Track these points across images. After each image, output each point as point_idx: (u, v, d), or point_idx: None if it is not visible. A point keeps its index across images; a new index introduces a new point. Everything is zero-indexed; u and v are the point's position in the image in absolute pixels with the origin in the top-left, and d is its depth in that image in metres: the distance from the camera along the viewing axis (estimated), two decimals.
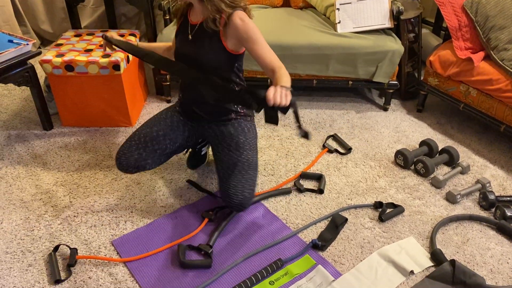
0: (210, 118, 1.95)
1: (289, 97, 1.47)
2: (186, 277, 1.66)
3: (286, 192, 2.08)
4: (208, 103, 1.92)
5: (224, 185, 1.81)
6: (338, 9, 2.66)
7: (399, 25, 2.74)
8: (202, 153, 2.24)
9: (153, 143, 1.89)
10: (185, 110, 1.98)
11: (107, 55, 2.31)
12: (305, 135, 1.63)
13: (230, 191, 1.77)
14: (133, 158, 1.86)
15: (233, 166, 1.83)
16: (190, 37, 1.83)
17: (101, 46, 2.45)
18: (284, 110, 1.52)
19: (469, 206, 2.05)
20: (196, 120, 1.98)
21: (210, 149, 2.29)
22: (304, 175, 2.19)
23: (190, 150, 2.24)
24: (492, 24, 2.37)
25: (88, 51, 2.39)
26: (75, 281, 1.64)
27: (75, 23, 3.10)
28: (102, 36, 2.01)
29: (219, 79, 1.82)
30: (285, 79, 1.62)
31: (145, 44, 2.12)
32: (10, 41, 2.22)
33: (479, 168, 2.31)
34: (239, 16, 1.72)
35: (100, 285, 1.63)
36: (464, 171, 2.25)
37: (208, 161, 2.28)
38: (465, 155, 2.40)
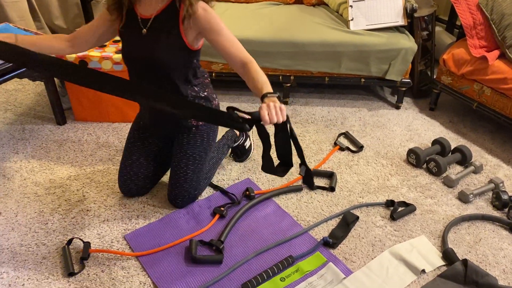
0: (172, 126, 1.92)
1: (284, 111, 1.35)
2: (198, 272, 1.68)
3: (297, 189, 2.08)
4: (167, 113, 1.81)
5: (169, 185, 1.97)
6: (351, 6, 2.65)
7: (412, 23, 2.72)
8: (246, 147, 2.27)
9: (138, 176, 1.96)
10: (146, 123, 1.96)
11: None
12: (307, 177, 1.56)
13: (168, 192, 1.97)
14: (133, 189, 1.98)
15: (174, 174, 1.93)
16: (144, 31, 1.68)
17: None
18: (282, 127, 1.39)
19: (482, 206, 2.04)
20: (160, 129, 1.96)
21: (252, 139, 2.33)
22: (316, 173, 2.19)
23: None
24: (508, 22, 2.34)
25: (101, 46, 2.41)
26: (88, 274, 1.66)
27: (88, 19, 3.12)
28: None
29: (174, 80, 1.74)
30: (267, 84, 1.50)
31: (27, 38, 1.68)
32: None
33: (492, 167, 2.29)
34: (201, 6, 1.63)
35: (113, 279, 1.65)
36: (477, 170, 2.23)
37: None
38: (478, 155, 2.38)
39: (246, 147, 2.27)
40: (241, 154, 2.27)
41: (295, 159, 1.51)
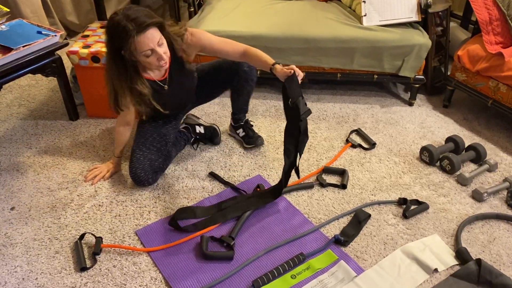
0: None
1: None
2: (208, 268, 1.68)
3: (309, 186, 2.07)
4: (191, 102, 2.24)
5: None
6: (364, 1, 2.62)
7: (426, 19, 2.68)
8: (202, 131, 2.34)
9: (155, 145, 2.03)
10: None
11: None
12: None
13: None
14: (147, 165, 1.99)
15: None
16: (166, 88, 1.95)
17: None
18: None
19: (496, 205, 2.00)
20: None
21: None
22: (327, 170, 2.17)
23: (197, 142, 2.36)
24: None
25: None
26: (100, 269, 1.68)
27: (101, 15, 3.14)
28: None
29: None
30: (268, 56, 1.85)
31: (118, 150, 2.13)
32: (39, 32, 2.26)
33: (507, 166, 2.25)
34: (188, 34, 1.88)
35: (124, 274, 1.66)
36: (492, 168, 2.20)
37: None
38: (493, 153, 2.34)
39: (202, 131, 2.32)
40: (212, 136, 2.34)
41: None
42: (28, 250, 1.75)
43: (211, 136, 2.35)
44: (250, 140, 2.31)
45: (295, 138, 1.77)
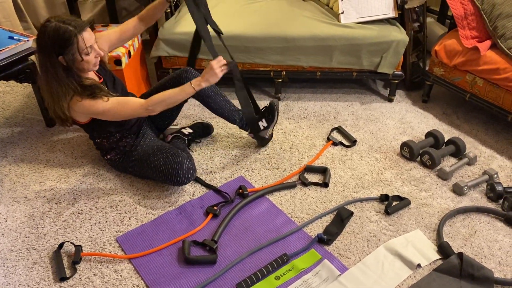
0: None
1: None
2: (191, 273, 1.66)
3: (291, 186, 2.06)
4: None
5: None
6: None
7: (403, 14, 2.69)
8: (188, 133, 2.30)
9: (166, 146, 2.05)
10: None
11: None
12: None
13: None
14: (191, 164, 1.97)
15: None
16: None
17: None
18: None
19: (476, 198, 2.02)
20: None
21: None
22: (309, 169, 2.17)
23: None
24: (499, 11, 2.33)
25: None
26: (80, 278, 1.64)
27: None
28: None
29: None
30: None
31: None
32: (11, 37, 2.21)
33: (486, 159, 2.28)
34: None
35: (106, 282, 1.62)
36: (471, 162, 2.22)
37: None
38: (472, 146, 2.37)
39: (191, 130, 2.30)
40: (203, 130, 2.36)
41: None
42: (5, 262, 1.70)
43: (202, 130, 2.34)
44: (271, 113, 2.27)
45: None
